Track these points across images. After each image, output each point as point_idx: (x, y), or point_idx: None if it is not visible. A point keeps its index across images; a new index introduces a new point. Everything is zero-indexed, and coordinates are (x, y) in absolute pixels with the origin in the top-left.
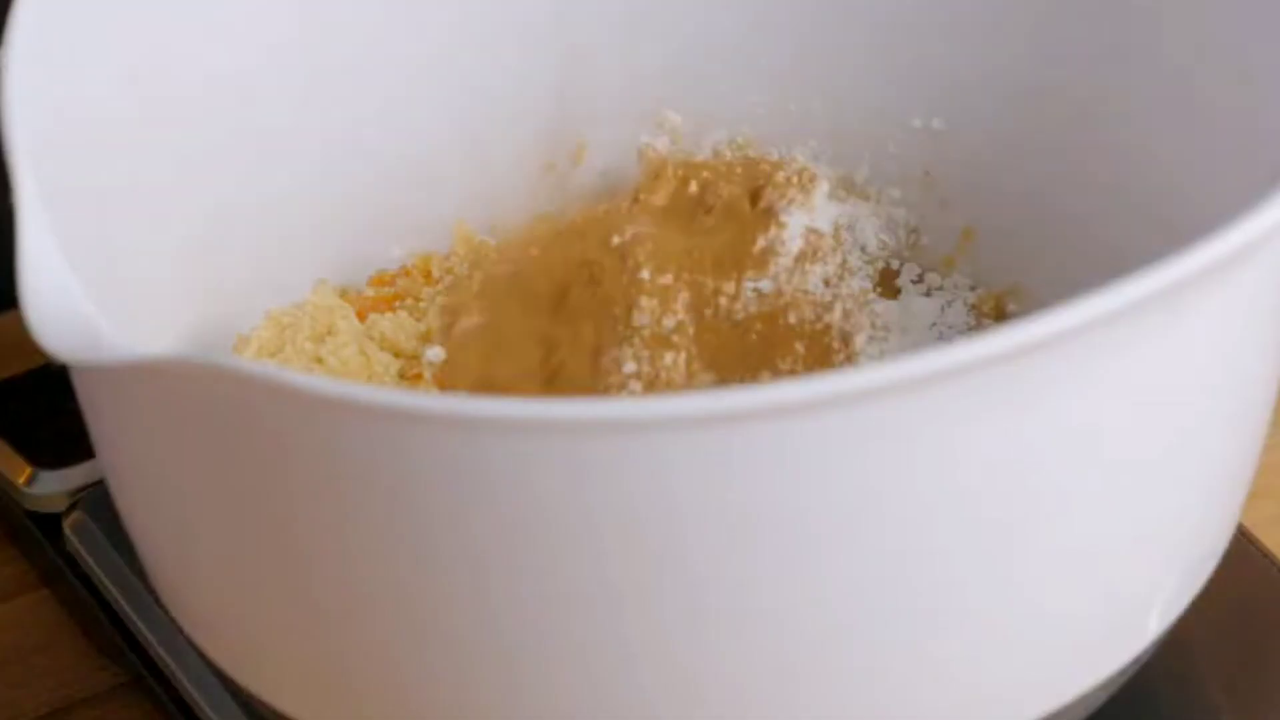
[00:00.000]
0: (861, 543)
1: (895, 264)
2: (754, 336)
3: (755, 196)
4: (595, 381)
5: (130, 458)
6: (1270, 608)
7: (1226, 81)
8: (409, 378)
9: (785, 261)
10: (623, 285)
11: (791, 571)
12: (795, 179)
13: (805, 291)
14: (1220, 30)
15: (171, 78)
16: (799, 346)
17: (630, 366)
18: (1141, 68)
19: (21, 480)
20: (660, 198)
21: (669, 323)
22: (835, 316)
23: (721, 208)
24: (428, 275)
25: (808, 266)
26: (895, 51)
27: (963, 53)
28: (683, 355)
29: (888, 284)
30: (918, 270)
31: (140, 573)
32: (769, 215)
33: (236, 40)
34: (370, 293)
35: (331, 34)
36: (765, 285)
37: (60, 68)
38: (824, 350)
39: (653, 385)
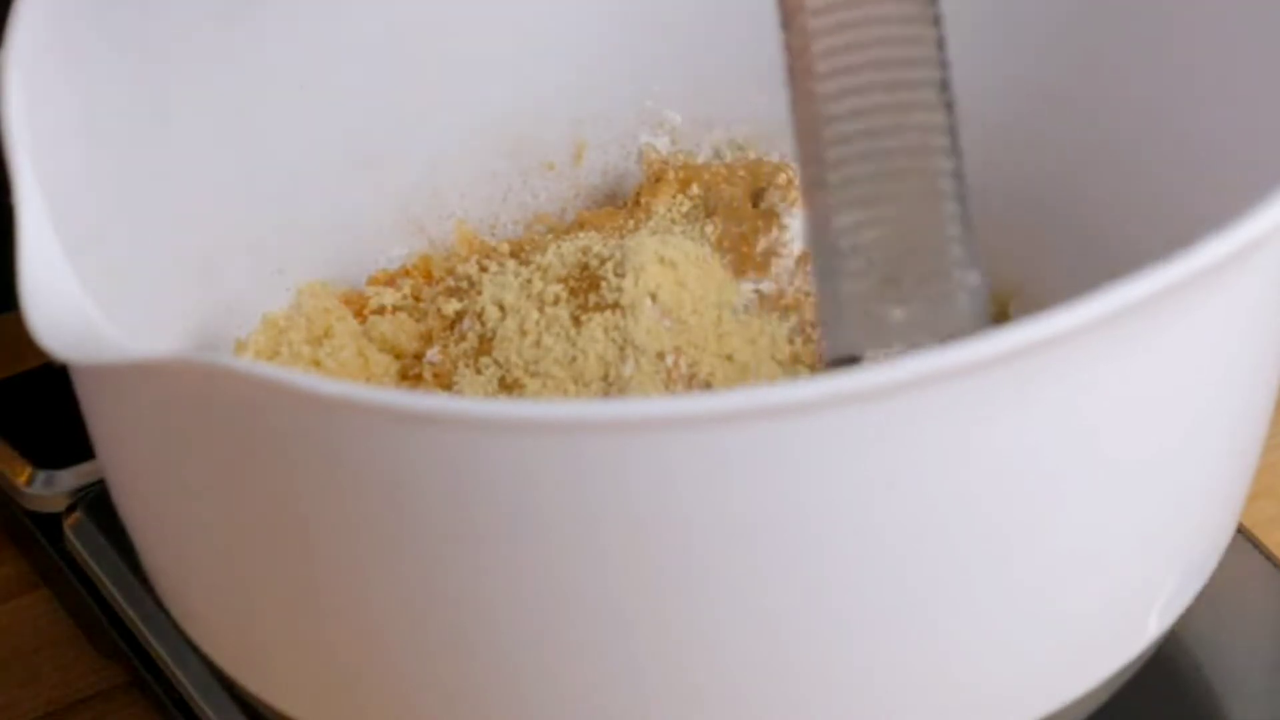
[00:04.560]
0: (862, 543)
1: None
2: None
3: (757, 198)
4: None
5: (130, 458)
6: (1270, 608)
7: (1227, 82)
8: (409, 378)
9: (787, 263)
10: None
11: (792, 571)
12: (797, 180)
13: (808, 293)
14: (1221, 30)
15: (171, 79)
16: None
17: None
18: (1142, 68)
19: (21, 480)
20: (662, 200)
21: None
22: None
23: (723, 209)
24: (428, 275)
25: (810, 268)
26: None
27: (962, 53)
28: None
29: None
30: None
31: (140, 573)
32: (771, 216)
33: (237, 43)
34: (370, 293)
35: (331, 37)
36: (767, 286)
37: (61, 68)
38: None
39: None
